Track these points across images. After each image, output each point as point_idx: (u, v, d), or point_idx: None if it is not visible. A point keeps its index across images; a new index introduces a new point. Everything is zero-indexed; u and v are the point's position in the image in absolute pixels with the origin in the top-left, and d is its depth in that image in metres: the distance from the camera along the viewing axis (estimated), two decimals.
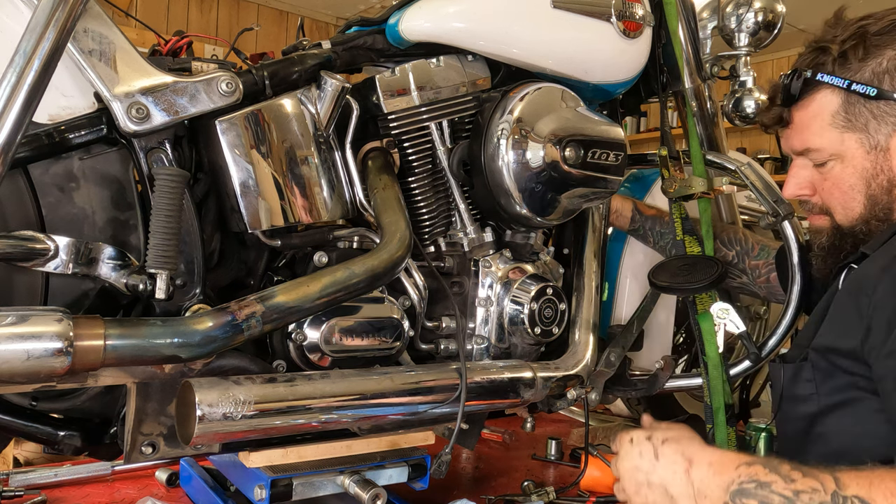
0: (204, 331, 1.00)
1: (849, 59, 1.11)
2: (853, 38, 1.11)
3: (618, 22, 1.43)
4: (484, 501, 1.44)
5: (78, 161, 1.08)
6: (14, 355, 0.88)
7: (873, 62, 1.10)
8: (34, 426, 1.11)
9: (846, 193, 1.16)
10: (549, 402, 1.47)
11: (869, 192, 1.14)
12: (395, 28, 1.32)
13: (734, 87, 1.67)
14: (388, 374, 1.20)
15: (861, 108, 1.11)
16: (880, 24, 1.11)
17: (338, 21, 6.09)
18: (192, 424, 1.00)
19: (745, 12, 1.60)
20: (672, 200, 1.56)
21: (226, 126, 1.15)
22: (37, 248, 1.01)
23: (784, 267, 1.49)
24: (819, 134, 1.16)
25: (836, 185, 1.17)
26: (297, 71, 1.23)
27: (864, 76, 1.10)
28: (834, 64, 1.13)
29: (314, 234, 1.26)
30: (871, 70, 1.10)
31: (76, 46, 1.04)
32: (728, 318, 1.43)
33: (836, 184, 1.17)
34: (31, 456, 1.97)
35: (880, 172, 1.12)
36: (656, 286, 1.51)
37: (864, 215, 1.16)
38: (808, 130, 1.17)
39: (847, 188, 1.16)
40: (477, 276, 1.42)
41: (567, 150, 1.32)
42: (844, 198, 1.17)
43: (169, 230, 1.02)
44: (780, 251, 1.53)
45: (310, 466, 1.21)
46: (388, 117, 1.32)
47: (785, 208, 1.48)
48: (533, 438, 1.93)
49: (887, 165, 1.12)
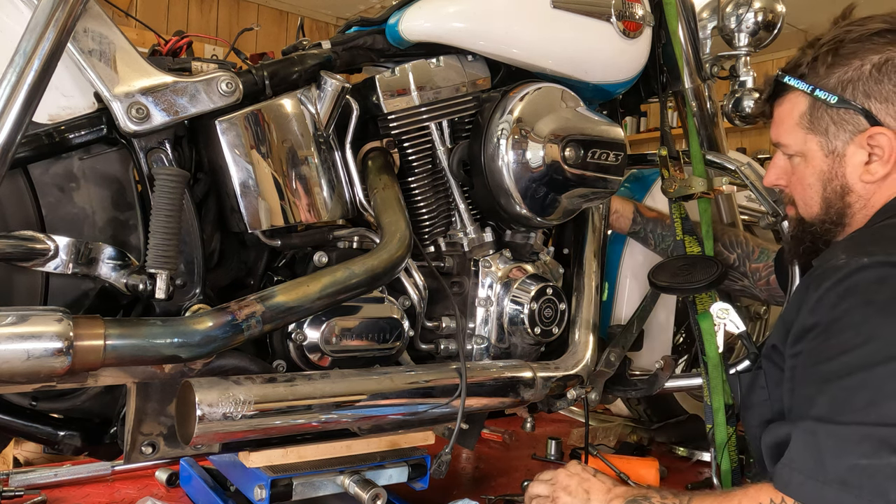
0: (204, 331, 1.00)
1: (818, 65, 1.15)
2: (829, 43, 1.15)
3: (618, 22, 1.43)
4: (484, 501, 1.45)
5: (78, 161, 1.08)
6: (14, 355, 0.88)
7: (840, 70, 1.13)
8: (34, 426, 1.11)
9: (806, 190, 1.21)
10: (549, 402, 1.47)
11: (825, 195, 1.18)
12: (395, 28, 1.32)
13: (734, 87, 1.67)
14: (388, 374, 1.20)
15: (823, 112, 1.15)
16: (859, 31, 1.14)
17: (338, 21, 6.09)
18: (192, 424, 1.00)
19: (745, 12, 1.60)
20: (672, 200, 1.56)
21: (226, 126, 1.15)
22: (37, 248, 1.01)
23: (783, 268, 1.49)
24: (788, 131, 1.20)
25: (800, 181, 1.22)
26: (297, 71, 1.23)
27: (829, 83, 1.13)
28: (807, 67, 1.17)
29: (314, 234, 1.26)
30: (836, 78, 1.13)
31: (76, 46, 1.04)
32: (728, 318, 1.43)
33: (799, 179, 1.22)
34: (31, 456, 1.97)
35: (835, 177, 1.16)
36: (656, 286, 1.51)
37: (820, 215, 1.19)
38: (781, 126, 1.22)
39: (807, 185, 1.20)
40: (477, 276, 1.42)
41: (567, 150, 1.32)
42: (805, 194, 1.21)
43: (169, 230, 1.02)
44: (778, 253, 1.54)
45: (310, 466, 1.21)
46: (388, 117, 1.32)
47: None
48: (533, 438, 1.93)
49: (841, 171, 1.15)
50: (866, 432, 0.91)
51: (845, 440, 0.92)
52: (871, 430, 0.90)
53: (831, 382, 0.97)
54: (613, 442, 1.88)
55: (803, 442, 0.96)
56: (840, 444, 0.92)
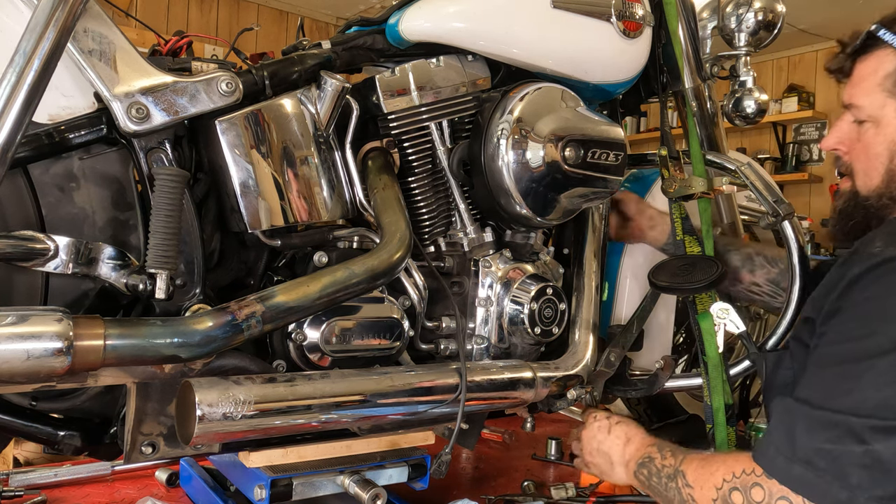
0: (204, 331, 1.00)
1: None
2: None
3: (618, 22, 1.43)
4: (484, 501, 1.44)
5: (78, 161, 1.08)
6: (14, 355, 0.88)
7: None
8: (34, 426, 1.11)
9: (870, 160, 1.14)
10: (549, 402, 1.47)
11: (890, 167, 1.11)
12: (395, 28, 1.32)
13: (734, 87, 1.67)
14: (388, 374, 1.20)
15: None
16: None
17: (338, 21, 6.09)
18: (192, 424, 1.00)
19: (745, 12, 1.60)
20: (672, 200, 1.56)
21: (226, 126, 1.15)
22: (37, 248, 1.01)
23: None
24: (866, 92, 1.12)
25: (865, 149, 1.15)
26: (297, 71, 1.23)
27: None
28: None
29: (314, 234, 1.26)
30: None
31: (76, 46, 1.03)
32: (728, 318, 1.43)
33: (865, 147, 1.15)
34: (31, 456, 1.97)
35: None
36: (656, 286, 1.51)
37: (880, 188, 1.13)
38: (859, 86, 1.14)
39: (873, 155, 1.13)
40: (477, 276, 1.42)
41: (567, 150, 1.32)
42: (868, 164, 1.14)
43: (169, 230, 1.02)
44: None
45: (310, 466, 1.21)
46: (388, 117, 1.32)
47: (785, 208, 1.47)
48: (533, 438, 1.93)
49: None
50: (837, 419, 0.94)
51: (816, 423, 0.96)
52: (842, 419, 0.93)
53: (826, 368, 1.00)
54: None
55: (781, 418, 1.00)
56: (812, 426, 0.96)
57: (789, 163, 6.12)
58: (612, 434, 1.31)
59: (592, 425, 1.36)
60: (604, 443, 1.32)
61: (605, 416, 1.36)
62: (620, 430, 1.31)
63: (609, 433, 1.32)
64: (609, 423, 1.34)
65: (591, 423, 1.37)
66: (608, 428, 1.33)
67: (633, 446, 1.27)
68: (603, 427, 1.34)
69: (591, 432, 1.35)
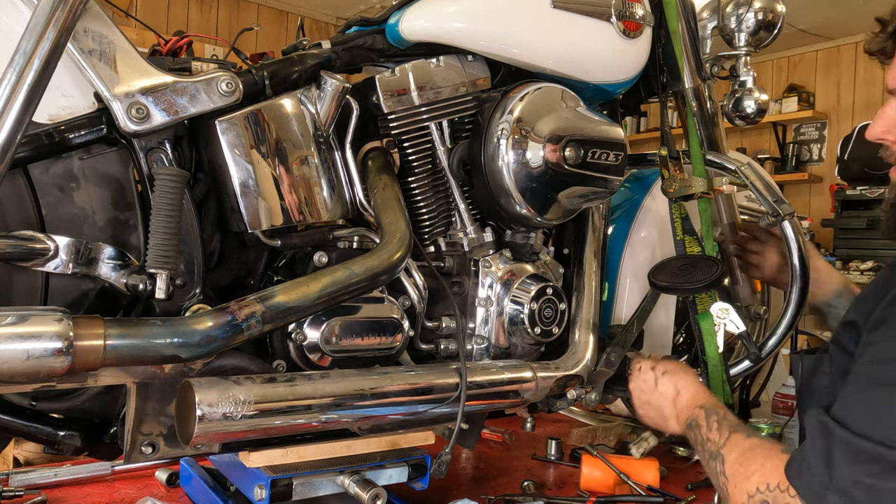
0: (204, 331, 1.00)
1: None
2: None
3: (618, 22, 1.43)
4: (484, 501, 1.44)
5: (78, 161, 1.08)
6: (14, 355, 0.88)
7: None
8: (34, 426, 1.11)
9: None
10: (549, 402, 1.47)
11: None
12: (395, 28, 1.32)
13: (734, 87, 1.67)
14: (388, 374, 1.20)
15: None
16: None
17: (338, 21, 6.09)
18: (192, 424, 1.00)
19: (745, 12, 1.60)
20: (672, 200, 1.56)
21: (226, 126, 1.15)
22: (37, 248, 1.01)
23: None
24: None
25: None
26: (297, 71, 1.23)
27: None
28: None
29: (314, 234, 1.26)
30: None
31: (76, 46, 1.03)
32: (728, 318, 1.44)
33: None
34: (31, 456, 1.97)
35: None
36: (656, 286, 1.51)
37: None
38: None
39: None
40: (477, 276, 1.42)
41: (567, 150, 1.32)
42: None
43: (169, 230, 1.02)
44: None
45: (310, 466, 1.21)
46: (388, 117, 1.32)
47: (785, 208, 1.48)
48: (533, 438, 1.93)
49: None
50: (881, 453, 0.88)
51: (857, 453, 0.90)
52: (884, 452, 0.87)
53: (868, 388, 0.93)
54: (613, 442, 1.88)
55: (817, 438, 0.94)
56: (852, 456, 0.90)
57: (789, 163, 6.12)
58: (660, 387, 1.27)
59: (638, 378, 1.33)
60: (652, 395, 1.28)
61: (651, 367, 1.32)
62: (668, 382, 1.27)
63: (656, 387, 1.28)
64: (654, 374, 1.30)
65: (636, 374, 1.34)
66: (654, 380, 1.29)
67: (683, 400, 1.22)
68: (649, 380, 1.30)
69: (638, 385, 1.32)
